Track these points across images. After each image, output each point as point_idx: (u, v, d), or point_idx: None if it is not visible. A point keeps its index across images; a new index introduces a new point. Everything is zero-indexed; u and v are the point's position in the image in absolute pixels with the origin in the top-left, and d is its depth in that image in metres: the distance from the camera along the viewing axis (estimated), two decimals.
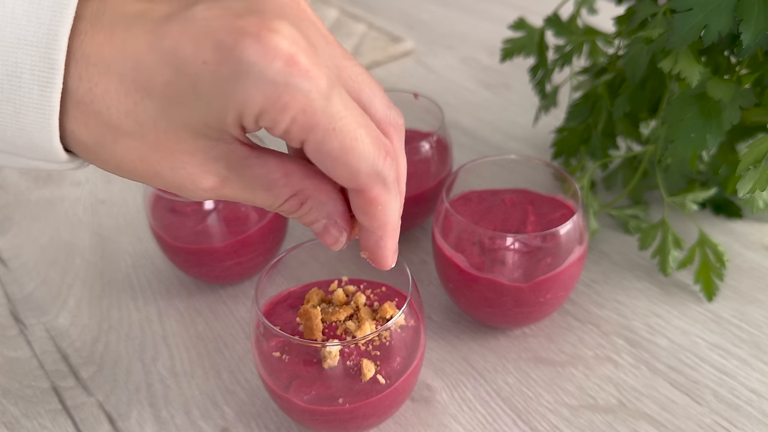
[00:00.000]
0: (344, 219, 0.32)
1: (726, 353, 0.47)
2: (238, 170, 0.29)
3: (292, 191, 0.30)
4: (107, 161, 0.28)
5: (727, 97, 0.44)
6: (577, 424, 0.43)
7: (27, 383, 0.48)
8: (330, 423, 0.39)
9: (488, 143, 0.70)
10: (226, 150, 0.28)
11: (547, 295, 0.45)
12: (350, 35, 0.90)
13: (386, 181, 0.29)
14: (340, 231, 0.32)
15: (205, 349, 0.50)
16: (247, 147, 0.29)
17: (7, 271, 0.58)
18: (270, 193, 0.30)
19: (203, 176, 0.28)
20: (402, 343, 0.39)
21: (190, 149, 0.27)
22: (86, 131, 0.27)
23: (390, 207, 0.30)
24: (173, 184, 0.28)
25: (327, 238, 0.32)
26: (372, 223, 0.30)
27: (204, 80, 0.25)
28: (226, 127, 0.27)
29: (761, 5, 0.42)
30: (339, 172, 0.28)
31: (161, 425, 0.45)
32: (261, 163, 0.29)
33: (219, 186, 0.29)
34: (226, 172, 0.29)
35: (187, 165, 0.28)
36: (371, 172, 0.28)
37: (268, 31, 0.25)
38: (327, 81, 0.26)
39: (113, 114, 0.26)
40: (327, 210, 0.31)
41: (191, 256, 0.50)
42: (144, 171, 0.28)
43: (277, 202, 0.30)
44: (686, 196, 0.53)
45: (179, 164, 0.28)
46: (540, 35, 0.60)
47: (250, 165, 0.29)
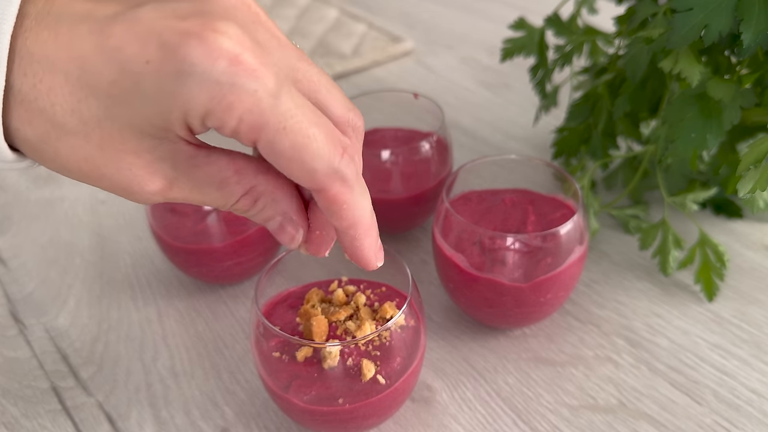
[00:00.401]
0: (300, 216, 0.31)
1: (726, 353, 0.47)
2: (186, 170, 0.28)
3: (244, 189, 0.29)
4: (52, 160, 0.28)
5: (728, 97, 0.44)
6: (578, 424, 0.43)
7: (27, 383, 0.48)
8: (330, 423, 0.39)
9: (488, 143, 0.70)
10: (172, 149, 0.28)
11: (548, 295, 0.45)
12: (350, 35, 0.90)
13: (345, 178, 0.28)
14: (296, 228, 0.32)
15: (204, 350, 0.50)
16: (194, 146, 0.28)
17: (6, 271, 0.58)
18: (222, 192, 0.29)
19: (149, 178, 0.28)
20: (402, 344, 0.39)
21: (135, 149, 0.27)
22: (31, 129, 0.27)
23: (356, 205, 0.29)
24: (119, 185, 0.28)
25: (283, 236, 0.32)
26: (341, 223, 0.30)
27: (148, 80, 0.25)
28: (171, 126, 0.27)
29: (762, 5, 0.42)
30: (295, 172, 0.27)
31: (161, 425, 0.45)
32: (210, 161, 0.29)
33: (167, 188, 0.29)
34: (174, 173, 0.28)
35: (132, 166, 0.28)
36: (328, 171, 0.28)
37: (212, 32, 0.25)
38: (275, 80, 0.26)
39: (57, 111, 0.26)
40: (281, 207, 0.31)
41: (191, 256, 0.50)
42: (89, 171, 0.28)
43: (230, 201, 0.30)
44: (687, 196, 0.53)
45: (125, 165, 0.27)
46: (540, 35, 0.60)
47: (198, 164, 0.28)
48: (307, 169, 0.27)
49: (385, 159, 0.52)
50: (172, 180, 0.28)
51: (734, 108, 0.44)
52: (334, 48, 0.87)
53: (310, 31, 0.91)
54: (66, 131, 0.27)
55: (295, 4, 0.99)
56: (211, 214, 0.49)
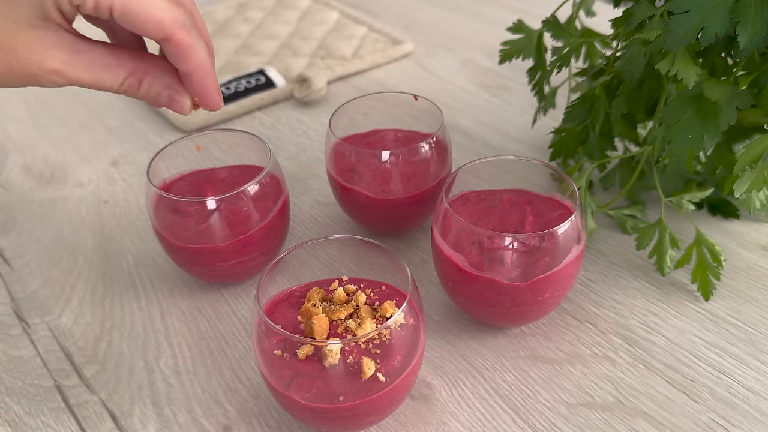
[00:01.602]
0: (181, 86, 0.39)
1: (723, 352, 0.47)
2: (73, 54, 0.36)
3: (127, 70, 0.38)
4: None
5: (724, 99, 0.45)
6: (575, 422, 0.44)
7: (30, 382, 0.48)
8: (331, 421, 0.40)
9: (487, 144, 0.70)
10: (56, 38, 0.35)
11: (545, 294, 0.45)
12: (351, 37, 0.90)
13: (185, 25, 0.36)
14: (182, 96, 0.40)
15: (207, 348, 0.50)
16: (74, 35, 0.36)
17: (10, 271, 0.58)
18: (109, 72, 0.37)
19: (46, 61, 0.35)
20: (402, 342, 0.40)
21: (26, 41, 0.35)
22: None
23: (197, 48, 0.37)
24: (25, 73, 0.35)
25: (175, 105, 0.40)
26: (188, 66, 0.37)
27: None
28: (48, 13, 0.34)
29: (758, 7, 0.42)
30: (148, 27, 0.35)
31: (164, 423, 0.45)
32: (91, 48, 0.37)
33: (62, 68, 0.36)
34: (64, 56, 0.36)
35: (31, 55, 0.35)
36: (172, 21, 0.35)
37: None
38: None
39: None
40: (164, 81, 0.39)
41: (193, 255, 0.51)
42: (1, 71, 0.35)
43: (117, 81, 0.37)
44: (683, 196, 0.54)
45: (23, 55, 0.35)
46: (538, 37, 0.60)
47: (81, 50, 0.36)
48: (156, 22, 0.35)
49: (385, 160, 0.53)
50: (65, 62, 0.36)
51: (730, 109, 0.45)
52: (334, 50, 0.87)
53: (311, 34, 0.92)
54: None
55: (297, 7, 1.00)
56: (213, 214, 0.49)
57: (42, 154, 0.73)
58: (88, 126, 0.77)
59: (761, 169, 0.44)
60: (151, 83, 0.39)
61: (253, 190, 0.50)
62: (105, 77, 0.37)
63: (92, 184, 0.68)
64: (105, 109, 0.80)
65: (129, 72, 0.38)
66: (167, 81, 0.39)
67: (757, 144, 0.44)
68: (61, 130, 0.77)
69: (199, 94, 0.40)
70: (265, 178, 0.51)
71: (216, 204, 0.49)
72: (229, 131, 0.56)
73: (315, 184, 0.66)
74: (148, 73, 0.38)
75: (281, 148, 0.71)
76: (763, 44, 0.43)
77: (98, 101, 0.82)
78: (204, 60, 0.38)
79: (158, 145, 0.73)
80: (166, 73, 0.39)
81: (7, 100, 0.83)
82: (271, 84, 0.79)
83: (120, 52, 0.38)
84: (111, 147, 0.73)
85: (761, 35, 0.43)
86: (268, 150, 0.52)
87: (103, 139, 0.75)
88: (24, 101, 0.82)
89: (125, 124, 0.77)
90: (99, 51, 0.37)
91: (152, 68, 0.39)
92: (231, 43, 0.90)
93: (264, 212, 0.51)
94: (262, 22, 0.96)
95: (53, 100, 0.82)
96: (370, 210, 0.55)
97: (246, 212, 0.50)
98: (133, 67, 0.38)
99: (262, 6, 1.01)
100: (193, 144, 0.55)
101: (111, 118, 0.78)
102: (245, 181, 0.51)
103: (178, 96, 0.40)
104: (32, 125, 0.78)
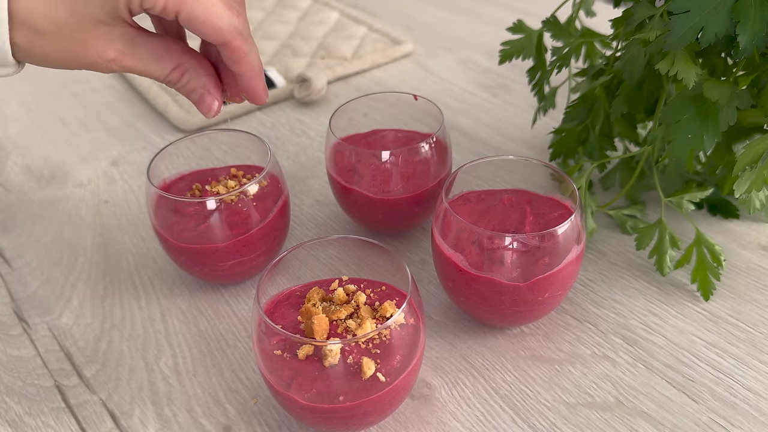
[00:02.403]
0: (216, 90, 0.43)
1: (723, 352, 0.47)
2: (132, 46, 0.39)
3: (174, 63, 0.41)
4: (38, 55, 0.39)
5: (724, 99, 0.45)
6: (575, 422, 0.44)
7: (30, 382, 0.48)
8: (331, 420, 0.40)
9: (487, 144, 0.70)
10: (121, 32, 0.39)
11: (545, 294, 0.45)
12: (351, 37, 0.90)
13: (243, 33, 0.40)
14: (213, 99, 0.43)
15: (207, 348, 0.50)
16: (135, 29, 0.39)
17: (10, 271, 0.58)
18: (158, 64, 0.40)
19: (106, 51, 0.39)
20: (402, 342, 0.40)
21: (95, 35, 0.38)
22: (20, 37, 0.38)
23: (251, 53, 0.41)
24: (87, 61, 0.39)
25: (202, 105, 0.43)
26: (241, 68, 0.41)
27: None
28: (119, 13, 0.38)
29: (758, 7, 0.42)
30: (208, 32, 0.38)
31: (164, 423, 0.45)
32: (148, 41, 0.40)
33: (119, 57, 0.39)
34: (123, 48, 0.39)
35: (96, 46, 0.38)
36: (231, 28, 0.39)
37: None
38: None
39: (36, 19, 0.37)
40: (202, 81, 0.42)
41: (193, 255, 0.51)
42: (65, 57, 0.39)
43: (165, 72, 0.41)
44: (683, 196, 0.54)
45: (90, 46, 0.38)
46: (538, 37, 0.60)
47: (139, 42, 0.40)
48: (216, 29, 0.38)
49: (385, 160, 0.53)
50: (122, 53, 0.39)
51: (730, 109, 0.45)
52: (334, 50, 0.87)
53: (311, 34, 0.92)
54: (44, 32, 0.37)
55: (297, 7, 1.00)
56: (213, 214, 0.49)
57: (42, 154, 0.73)
58: (88, 126, 0.77)
59: (761, 169, 0.44)
60: (190, 78, 0.42)
61: (253, 190, 0.50)
62: (154, 68, 0.41)
63: (92, 184, 0.68)
64: (105, 109, 0.80)
65: (176, 65, 0.41)
66: (205, 81, 0.42)
67: (757, 144, 0.44)
68: (61, 130, 0.77)
69: (247, 91, 0.43)
70: (265, 178, 0.51)
71: (216, 204, 0.49)
72: (229, 131, 0.56)
73: (315, 184, 0.66)
74: (190, 70, 0.42)
75: (281, 148, 0.71)
76: (763, 44, 0.43)
77: (98, 101, 0.82)
78: (255, 64, 0.41)
79: (158, 145, 0.73)
80: (205, 73, 0.42)
81: (8, 101, 0.83)
82: (271, 84, 0.79)
83: (173, 45, 0.41)
84: (111, 147, 0.73)
85: (761, 35, 0.43)
86: (268, 150, 0.52)
87: (103, 139, 0.75)
88: (24, 102, 0.82)
89: (125, 124, 0.77)
90: (154, 44, 0.40)
91: (195, 66, 0.42)
92: None
93: (264, 212, 0.51)
94: (262, 22, 0.96)
95: (53, 101, 0.82)
96: (370, 210, 0.55)
97: (246, 212, 0.50)
98: (181, 61, 0.41)
99: (262, 6, 1.01)
100: (193, 144, 0.56)
101: (111, 118, 0.78)
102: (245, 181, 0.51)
103: (209, 97, 0.43)
104: (32, 125, 0.78)
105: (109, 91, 0.84)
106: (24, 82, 0.86)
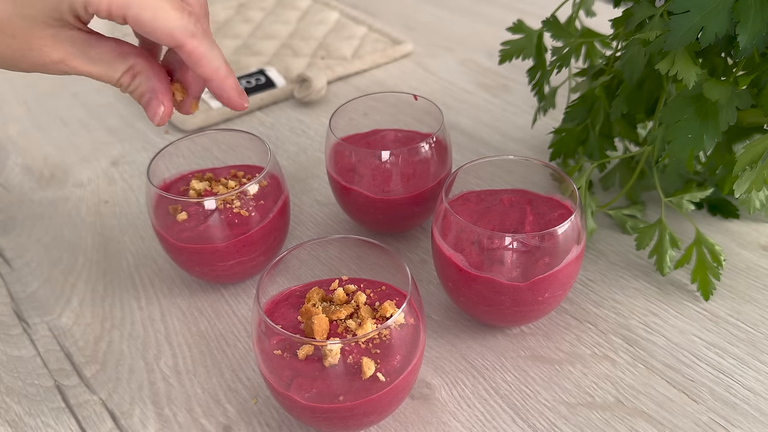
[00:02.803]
0: (165, 97, 0.42)
1: (723, 352, 0.47)
2: (82, 48, 0.39)
3: (125, 66, 0.41)
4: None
5: (724, 99, 0.45)
6: (575, 422, 0.44)
7: (30, 382, 0.48)
8: (331, 420, 0.40)
9: (487, 144, 0.70)
10: (69, 35, 0.39)
11: (545, 294, 0.45)
12: (351, 37, 0.90)
13: (196, 34, 0.39)
14: (159, 105, 0.42)
15: (207, 348, 0.50)
16: (86, 32, 0.40)
17: (10, 271, 0.58)
18: (109, 67, 0.40)
19: (52, 52, 0.39)
20: (402, 342, 0.40)
21: (39, 36, 0.38)
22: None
23: (211, 55, 0.40)
24: (34, 62, 0.39)
25: (149, 110, 0.43)
26: (205, 71, 0.40)
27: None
28: (64, 17, 0.38)
29: (758, 7, 0.42)
30: (159, 35, 0.38)
31: (164, 423, 0.45)
32: (100, 44, 0.40)
33: (68, 59, 0.39)
34: (72, 50, 0.39)
35: (42, 46, 0.38)
36: (181, 29, 0.38)
37: None
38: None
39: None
40: (151, 85, 0.42)
41: (193, 255, 0.51)
42: (12, 55, 0.39)
43: (116, 74, 0.41)
44: (683, 196, 0.54)
45: (35, 46, 0.38)
46: (538, 37, 0.60)
47: (91, 45, 0.39)
48: (167, 31, 0.38)
49: (385, 160, 0.53)
50: (71, 54, 0.39)
51: (730, 109, 0.45)
52: (334, 50, 0.87)
53: (311, 34, 0.92)
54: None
55: (297, 7, 1.00)
56: (213, 214, 0.49)
57: (42, 154, 0.73)
58: (88, 126, 0.77)
59: (761, 169, 0.44)
60: (141, 83, 0.42)
61: (253, 190, 0.50)
62: (105, 71, 0.40)
63: (92, 184, 0.68)
64: (105, 109, 0.80)
65: (127, 68, 0.41)
66: (155, 85, 0.42)
67: (757, 144, 0.44)
68: (61, 130, 0.77)
69: (219, 96, 0.42)
70: (265, 178, 0.51)
71: (216, 204, 0.49)
72: (229, 131, 0.56)
73: (315, 184, 0.66)
74: (140, 73, 0.41)
75: (281, 148, 0.72)
76: (763, 44, 0.43)
77: (98, 102, 0.82)
78: (218, 66, 0.41)
79: (158, 145, 0.73)
80: (156, 77, 0.42)
81: (7, 101, 0.83)
82: (271, 84, 0.79)
83: (125, 49, 0.41)
84: (111, 147, 0.73)
85: (761, 35, 0.43)
86: (268, 150, 0.52)
87: (103, 139, 0.75)
88: (24, 102, 0.82)
89: (125, 124, 0.77)
90: (108, 46, 0.40)
91: (146, 70, 0.41)
92: (231, 43, 0.90)
93: (264, 212, 0.51)
94: (262, 22, 0.96)
95: (53, 101, 0.82)
96: (370, 210, 0.55)
97: (246, 212, 0.50)
98: (133, 63, 0.41)
99: (262, 6, 1.01)
100: (193, 144, 0.56)
101: (111, 118, 0.78)
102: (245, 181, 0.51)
103: (155, 102, 0.42)
104: (32, 125, 0.78)
105: (109, 91, 0.84)
106: (24, 82, 0.86)
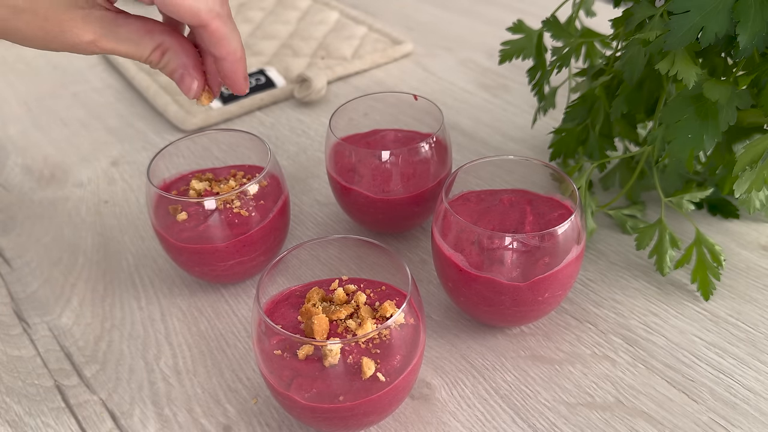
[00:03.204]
0: (196, 71, 0.43)
1: (723, 352, 0.47)
2: (111, 28, 0.40)
3: (155, 44, 0.41)
4: (15, 34, 0.39)
5: (724, 99, 0.45)
6: (575, 422, 0.44)
7: (30, 381, 0.48)
8: (331, 420, 0.40)
9: (487, 144, 0.70)
10: (99, 15, 0.39)
11: (545, 294, 0.45)
12: (351, 37, 0.90)
13: (221, 15, 0.40)
14: (193, 80, 0.43)
15: (207, 348, 0.50)
16: (114, 12, 0.40)
17: (10, 271, 0.58)
18: (138, 45, 0.41)
19: (84, 33, 0.39)
20: (402, 342, 0.40)
21: (71, 16, 0.38)
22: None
23: (231, 37, 0.41)
24: (65, 42, 0.39)
25: (183, 85, 0.43)
26: (221, 52, 0.41)
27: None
28: None
29: (758, 7, 0.42)
30: (185, 16, 0.39)
31: (164, 423, 0.45)
32: (128, 23, 0.40)
33: (98, 39, 0.39)
34: (102, 30, 0.39)
35: (73, 28, 0.39)
36: (207, 10, 0.39)
37: None
38: None
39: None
40: (182, 60, 0.42)
41: (193, 255, 0.51)
42: (44, 37, 0.39)
43: (145, 52, 0.41)
44: (683, 196, 0.54)
45: (66, 28, 0.39)
46: (538, 37, 0.60)
47: (119, 24, 0.40)
48: (193, 11, 0.38)
49: (385, 160, 0.53)
50: (101, 35, 0.39)
51: (730, 109, 0.45)
52: (334, 50, 0.87)
53: (311, 34, 0.92)
54: (20, 10, 0.38)
55: (297, 7, 1.00)
56: (213, 214, 0.49)
57: (42, 154, 0.73)
58: (88, 126, 0.77)
59: (761, 169, 0.44)
60: (170, 59, 0.42)
61: (253, 190, 0.50)
62: (135, 49, 0.41)
63: (92, 184, 0.68)
64: (105, 109, 0.80)
65: (156, 45, 0.41)
66: (185, 61, 0.42)
67: (757, 144, 0.44)
68: (61, 130, 0.77)
69: (228, 77, 0.43)
70: (265, 178, 0.51)
71: (216, 204, 0.49)
72: (229, 131, 0.56)
73: (315, 184, 0.66)
74: (170, 50, 0.42)
75: (281, 148, 0.72)
76: (763, 44, 0.43)
77: (98, 101, 0.82)
78: (236, 48, 0.42)
79: (158, 145, 0.73)
80: (185, 53, 0.42)
81: (7, 101, 0.83)
82: (271, 84, 0.79)
83: (153, 26, 0.41)
84: (111, 147, 0.73)
85: (761, 35, 0.43)
86: (268, 150, 0.52)
87: (103, 139, 0.75)
88: (24, 102, 0.82)
89: (125, 124, 0.77)
90: (136, 24, 0.41)
91: (176, 46, 0.42)
92: None
93: (264, 212, 0.51)
94: (262, 22, 0.96)
95: (53, 101, 0.82)
96: (370, 210, 0.55)
97: (246, 212, 0.50)
98: (161, 41, 0.41)
99: (262, 6, 1.01)
100: (193, 144, 0.56)
101: (111, 118, 0.78)
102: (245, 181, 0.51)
103: (189, 79, 0.43)
104: (32, 125, 0.78)
105: (109, 91, 0.84)
106: (24, 82, 0.86)
